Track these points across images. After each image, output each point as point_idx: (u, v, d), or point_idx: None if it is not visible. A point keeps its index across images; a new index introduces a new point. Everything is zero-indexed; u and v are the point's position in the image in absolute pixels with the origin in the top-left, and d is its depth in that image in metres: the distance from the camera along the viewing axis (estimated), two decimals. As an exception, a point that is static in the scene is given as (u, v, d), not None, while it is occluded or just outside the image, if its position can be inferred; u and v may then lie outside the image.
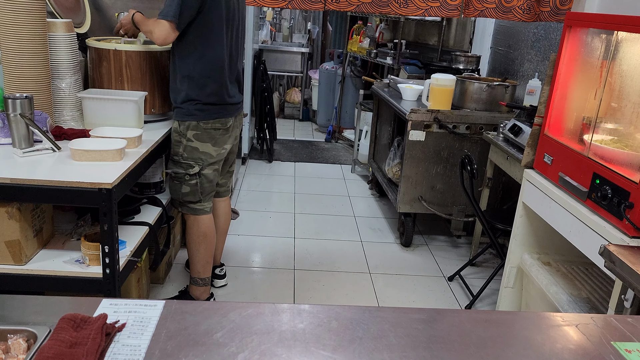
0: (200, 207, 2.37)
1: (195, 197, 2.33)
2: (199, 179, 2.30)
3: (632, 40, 1.78)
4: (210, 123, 2.25)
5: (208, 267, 2.50)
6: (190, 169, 2.27)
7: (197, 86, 2.19)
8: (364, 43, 5.42)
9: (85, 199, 1.68)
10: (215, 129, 2.27)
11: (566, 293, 2.03)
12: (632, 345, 0.95)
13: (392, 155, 3.61)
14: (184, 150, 2.26)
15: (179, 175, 2.29)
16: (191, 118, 2.22)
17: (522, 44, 3.56)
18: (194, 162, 2.27)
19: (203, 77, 2.19)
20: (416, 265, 3.19)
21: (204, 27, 2.14)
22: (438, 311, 1.03)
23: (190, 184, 2.30)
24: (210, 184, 2.36)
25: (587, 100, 2.01)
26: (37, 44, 1.95)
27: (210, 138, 2.27)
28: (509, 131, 2.73)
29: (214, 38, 2.17)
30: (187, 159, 2.27)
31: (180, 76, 2.21)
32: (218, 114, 2.26)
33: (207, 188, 2.35)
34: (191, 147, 2.25)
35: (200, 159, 2.28)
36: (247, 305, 0.98)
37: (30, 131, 1.84)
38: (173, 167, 2.30)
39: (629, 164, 1.73)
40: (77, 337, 0.81)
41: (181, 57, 2.19)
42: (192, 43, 2.16)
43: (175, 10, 2.03)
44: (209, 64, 2.19)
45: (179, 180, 2.30)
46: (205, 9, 2.11)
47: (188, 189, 2.31)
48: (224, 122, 2.30)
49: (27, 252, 1.78)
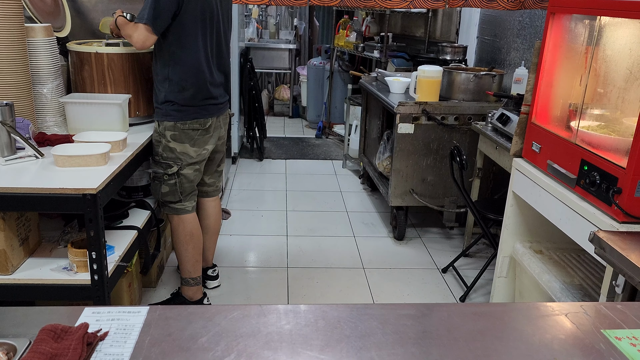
0: (181, 206, 2.35)
1: (175, 197, 2.32)
2: (178, 178, 2.29)
3: (615, 24, 1.77)
4: (187, 124, 2.23)
5: (198, 265, 2.48)
6: (169, 168, 2.26)
7: (176, 89, 2.19)
8: (350, 37, 5.39)
9: (69, 205, 1.66)
10: (194, 130, 2.25)
11: (559, 281, 2.03)
12: (622, 332, 0.94)
13: (382, 149, 3.60)
14: (163, 150, 2.25)
15: (158, 174, 2.29)
16: (169, 119, 2.21)
17: (508, 33, 3.56)
18: (172, 162, 2.26)
19: (181, 80, 2.18)
20: (410, 259, 3.18)
21: (179, 32, 2.12)
22: (427, 306, 1.02)
23: (169, 183, 2.29)
24: (190, 183, 2.34)
25: (572, 87, 2.00)
26: (16, 49, 1.92)
27: (189, 139, 2.25)
28: (497, 120, 2.72)
29: (190, 42, 2.15)
30: (166, 159, 2.26)
31: (160, 78, 2.20)
32: (196, 114, 2.24)
33: (187, 188, 2.33)
34: (169, 147, 2.24)
35: (179, 159, 2.26)
36: (233, 307, 0.96)
37: (12, 139, 1.82)
38: (154, 167, 2.30)
39: (616, 149, 1.72)
40: (57, 348, 0.80)
41: (160, 61, 2.19)
42: (168, 47, 2.15)
43: (149, 13, 2.03)
44: (186, 68, 2.17)
45: (158, 180, 2.30)
46: (180, 13, 2.09)
47: (167, 189, 2.30)
48: (203, 123, 2.27)
49: (13, 261, 1.75)
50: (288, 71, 6.82)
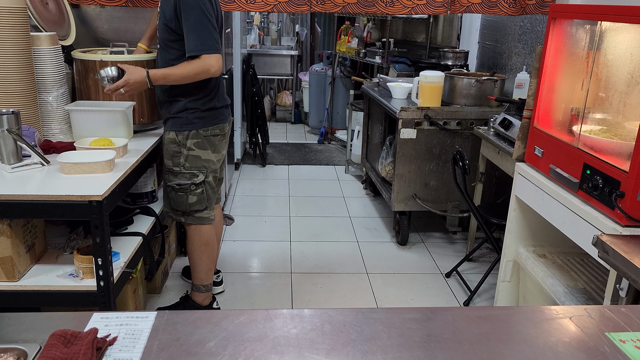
0: (206, 215, 2.35)
1: (202, 205, 2.32)
2: (204, 186, 2.30)
3: (615, 29, 1.79)
4: (209, 130, 2.25)
5: (210, 274, 2.50)
6: (195, 178, 2.26)
7: (196, 96, 2.19)
8: (352, 43, 5.42)
9: (75, 212, 1.67)
10: (215, 135, 2.27)
11: (562, 285, 2.03)
12: (626, 335, 0.95)
13: (385, 154, 3.61)
14: (186, 160, 2.24)
15: (184, 186, 2.26)
16: (190, 127, 2.21)
17: (510, 38, 3.57)
18: (197, 171, 2.25)
19: (205, 86, 2.20)
20: (413, 263, 3.19)
21: None
22: (432, 310, 1.02)
23: (197, 193, 2.28)
24: (212, 190, 2.37)
25: (574, 92, 2.01)
26: (22, 58, 1.94)
27: (211, 145, 2.27)
28: (499, 125, 2.73)
29: None
30: (190, 169, 2.24)
31: (178, 87, 2.16)
32: (216, 119, 2.27)
33: (211, 195, 2.35)
34: (193, 156, 2.24)
35: (204, 167, 2.27)
36: (240, 312, 0.97)
37: (18, 146, 1.84)
38: (175, 180, 2.26)
39: (619, 153, 1.73)
40: (67, 353, 0.81)
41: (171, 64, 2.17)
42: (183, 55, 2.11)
43: (210, 40, 2.06)
44: None
45: (184, 191, 2.27)
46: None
47: (195, 199, 2.29)
48: (222, 128, 2.31)
49: (19, 268, 1.76)
50: (290, 77, 6.85)
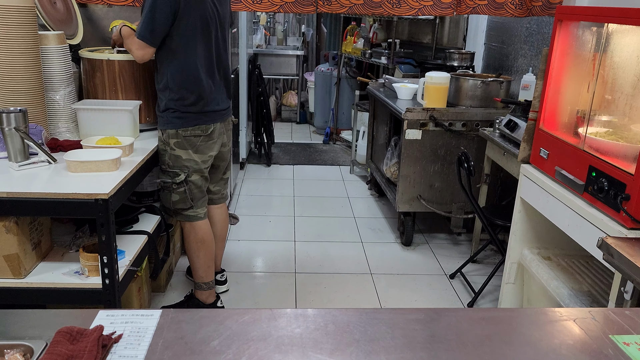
0: (193, 213, 2.37)
1: (186, 204, 2.34)
2: (187, 186, 2.31)
3: (622, 32, 1.78)
4: (189, 130, 2.23)
5: (210, 271, 2.51)
6: (177, 177, 2.28)
7: (175, 96, 2.19)
8: (358, 44, 5.42)
9: (81, 210, 1.68)
10: (195, 136, 2.26)
11: (567, 287, 2.02)
12: (630, 338, 0.95)
13: (390, 155, 3.61)
14: (169, 159, 2.26)
15: (167, 184, 2.30)
16: (170, 126, 2.22)
17: (516, 39, 3.56)
18: (179, 170, 2.27)
19: (181, 88, 2.19)
20: (417, 264, 3.19)
21: (177, 40, 2.14)
22: (435, 311, 1.03)
23: (179, 192, 2.31)
24: (199, 189, 2.36)
25: (580, 94, 2.00)
26: (30, 57, 1.95)
27: (191, 145, 2.26)
28: (505, 127, 2.73)
29: (189, 50, 2.17)
30: (172, 167, 2.27)
31: (161, 87, 2.22)
32: (197, 120, 2.25)
33: (196, 194, 2.35)
34: (174, 156, 2.25)
35: (185, 167, 2.27)
36: (244, 311, 0.98)
37: (25, 144, 1.85)
38: (162, 177, 2.31)
39: (624, 155, 1.72)
40: (73, 350, 0.81)
41: (159, 69, 2.22)
42: (167, 56, 2.17)
43: (144, 28, 2.08)
44: (185, 76, 2.18)
45: (168, 189, 2.31)
46: (178, 22, 2.11)
47: (177, 197, 2.32)
48: (205, 129, 2.27)
49: (26, 265, 1.78)
50: (296, 77, 6.86)
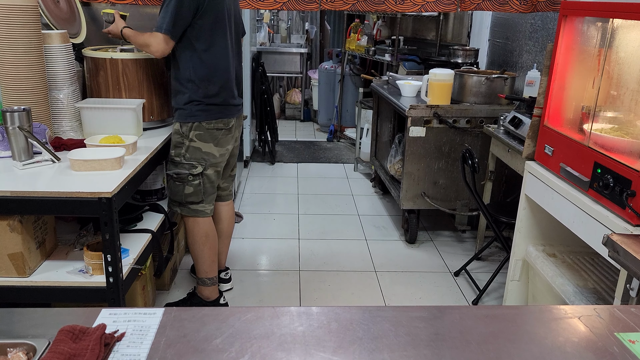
0: (202, 208, 2.37)
1: (198, 198, 2.34)
2: (202, 179, 2.32)
3: (627, 27, 1.76)
4: (212, 123, 2.27)
5: (214, 266, 2.51)
6: (194, 169, 2.28)
7: (199, 89, 2.21)
8: (362, 41, 5.40)
9: (85, 209, 1.68)
10: (218, 129, 2.29)
11: (572, 284, 2.01)
12: (635, 335, 0.94)
13: (394, 152, 3.60)
14: (187, 151, 2.27)
15: (182, 175, 2.30)
16: (193, 119, 2.24)
17: (520, 35, 3.54)
18: (196, 162, 2.28)
19: (204, 81, 2.21)
20: (422, 262, 3.18)
21: (201, 32, 2.16)
22: (439, 308, 1.02)
23: (194, 184, 2.31)
24: (211, 184, 2.37)
25: (585, 90, 1.99)
26: (33, 56, 1.95)
27: (213, 138, 2.28)
28: (509, 123, 2.71)
29: (213, 41, 2.19)
30: (189, 160, 2.27)
31: (183, 80, 2.22)
32: (221, 113, 2.28)
33: (208, 189, 2.36)
34: (194, 148, 2.26)
35: (203, 159, 2.29)
36: (247, 309, 0.97)
37: (29, 143, 1.85)
38: (174, 169, 2.30)
39: (630, 152, 1.71)
40: (75, 348, 0.81)
41: (181, 62, 2.21)
42: (190, 47, 2.18)
43: (169, 22, 2.08)
44: (209, 68, 2.21)
45: (181, 181, 2.31)
46: (202, 15, 2.13)
47: (191, 190, 2.32)
48: (227, 122, 2.32)
49: (30, 264, 1.78)
50: (299, 75, 6.85)
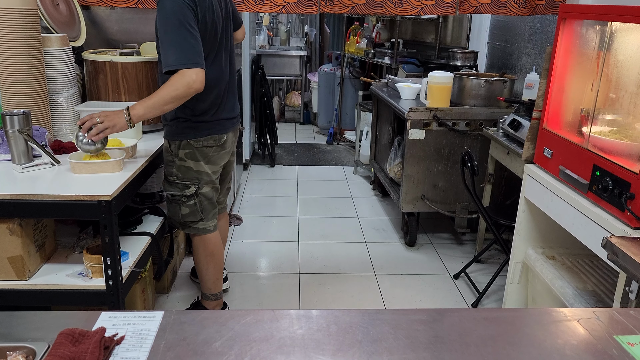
0: (203, 226, 2.26)
1: (196, 217, 2.23)
2: (197, 198, 2.19)
3: (626, 30, 1.77)
4: (201, 141, 2.12)
5: (218, 282, 2.44)
6: (187, 189, 2.16)
7: (186, 107, 2.04)
8: (361, 44, 5.41)
9: (85, 212, 1.69)
10: (208, 147, 2.14)
11: (572, 287, 2.01)
12: (634, 338, 0.94)
13: (393, 155, 3.60)
14: (178, 171, 2.14)
15: (176, 197, 2.18)
16: (181, 137, 2.10)
17: (519, 38, 3.55)
18: (189, 182, 2.15)
19: (192, 99, 1.97)
20: (421, 265, 3.18)
21: None
22: (438, 311, 1.02)
23: (189, 204, 2.19)
24: (209, 201, 2.24)
25: (584, 92, 2.00)
26: (33, 59, 1.96)
27: (203, 156, 2.14)
28: (509, 126, 2.72)
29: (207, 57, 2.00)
30: (182, 179, 2.15)
31: None
32: (210, 130, 2.13)
33: (207, 206, 2.24)
34: (185, 167, 2.13)
35: (197, 179, 2.16)
36: (246, 312, 0.98)
37: (29, 146, 1.85)
38: (169, 189, 2.19)
39: (629, 154, 1.71)
40: (75, 352, 0.81)
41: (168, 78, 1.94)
42: None
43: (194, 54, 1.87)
44: None
45: (176, 202, 2.19)
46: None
47: (187, 210, 2.20)
48: (218, 139, 2.16)
49: (30, 267, 1.78)
50: (299, 78, 6.86)
